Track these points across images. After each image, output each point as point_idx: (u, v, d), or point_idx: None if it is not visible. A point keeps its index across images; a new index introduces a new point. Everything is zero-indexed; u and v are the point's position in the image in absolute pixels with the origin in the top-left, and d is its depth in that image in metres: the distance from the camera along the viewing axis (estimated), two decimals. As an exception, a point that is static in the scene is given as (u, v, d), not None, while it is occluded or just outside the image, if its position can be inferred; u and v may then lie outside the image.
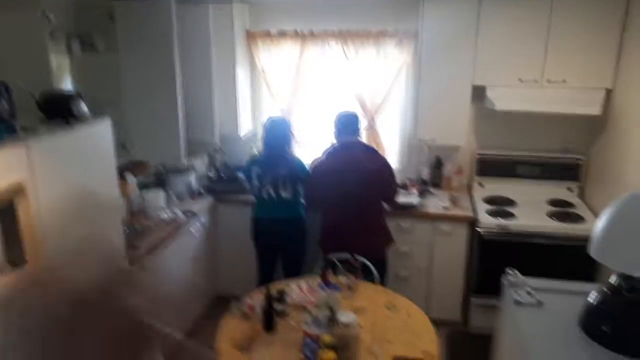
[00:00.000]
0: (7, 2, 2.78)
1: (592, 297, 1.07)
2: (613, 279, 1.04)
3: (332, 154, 3.26)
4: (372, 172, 3.13)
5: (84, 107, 2.52)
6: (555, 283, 1.20)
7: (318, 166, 3.29)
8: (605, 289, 1.05)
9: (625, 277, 1.00)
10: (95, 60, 3.33)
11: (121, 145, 3.31)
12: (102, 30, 3.40)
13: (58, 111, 2.45)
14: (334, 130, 3.29)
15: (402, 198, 3.67)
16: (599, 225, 1.03)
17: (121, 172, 3.23)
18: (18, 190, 2.01)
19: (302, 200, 3.51)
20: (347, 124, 3.26)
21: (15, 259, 2.07)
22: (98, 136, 2.55)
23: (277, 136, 3.40)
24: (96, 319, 2.53)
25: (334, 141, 3.31)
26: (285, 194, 3.40)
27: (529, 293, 1.14)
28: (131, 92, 3.44)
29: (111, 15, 3.41)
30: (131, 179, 3.34)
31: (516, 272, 1.20)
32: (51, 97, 2.53)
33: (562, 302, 1.13)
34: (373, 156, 3.22)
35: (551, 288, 1.18)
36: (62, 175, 2.28)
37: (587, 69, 3.37)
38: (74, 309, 2.35)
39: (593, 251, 1.03)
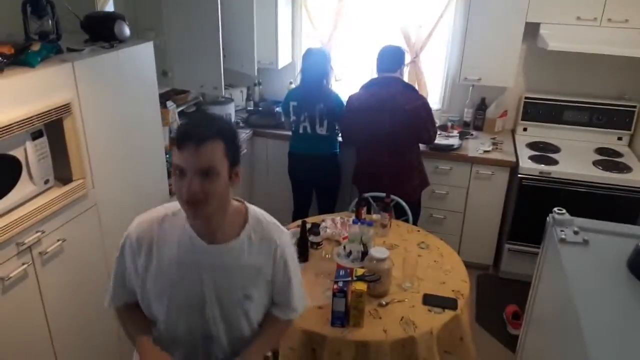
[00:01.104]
0: None
1: (644, 241, 1.03)
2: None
3: (368, 89, 3.16)
4: (407, 112, 3.02)
5: (126, 30, 2.50)
6: (604, 224, 1.16)
7: (352, 101, 3.21)
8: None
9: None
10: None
11: (162, 73, 3.30)
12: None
13: (101, 32, 2.44)
14: (375, 63, 3.18)
15: (441, 139, 3.59)
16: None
17: (162, 100, 3.24)
18: (65, 109, 2.05)
19: (338, 137, 3.48)
20: (389, 58, 3.14)
21: (63, 175, 2.15)
22: (140, 59, 2.55)
23: (315, 69, 3.32)
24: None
25: (375, 75, 3.21)
26: (320, 130, 3.37)
27: (575, 232, 1.10)
28: (172, 17, 3.38)
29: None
30: (172, 107, 3.37)
31: (564, 210, 1.16)
32: (95, 17, 2.51)
33: (610, 243, 1.09)
34: (411, 95, 3.10)
35: (599, 229, 1.14)
36: (106, 96, 2.31)
37: (654, 8, 3.11)
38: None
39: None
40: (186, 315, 1.46)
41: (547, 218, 1.18)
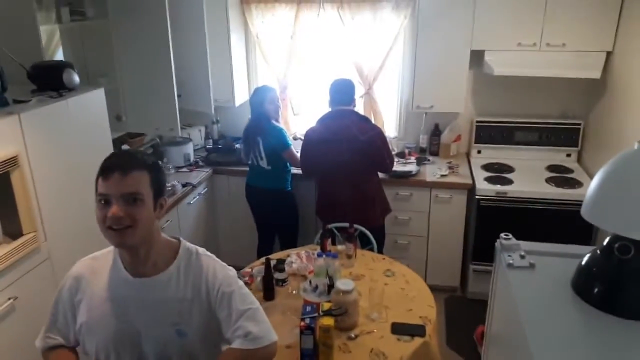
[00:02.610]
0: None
1: (585, 259, 1.07)
2: (606, 240, 1.04)
3: (323, 122, 3.23)
4: (363, 142, 3.08)
5: (75, 78, 2.48)
6: (549, 246, 1.20)
7: (309, 134, 3.28)
8: (597, 251, 1.05)
9: (617, 238, 1.00)
10: (86, 28, 3.26)
11: (116, 117, 3.28)
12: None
13: (49, 82, 2.41)
14: (328, 97, 3.25)
15: (399, 166, 3.66)
16: (591, 185, 1.02)
17: (117, 145, 3.21)
18: (12, 162, 2.00)
19: (288, 173, 3.53)
20: (341, 92, 3.22)
21: (12, 230, 2.08)
22: (91, 106, 2.53)
23: (257, 104, 3.45)
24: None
25: (329, 109, 3.27)
26: (262, 164, 3.43)
27: (521, 256, 1.14)
28: (124, 62, 3.38)
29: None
30: (127, 151, 3.33)
31: (510, 235, 1.20)
32: (42, 67, 2.49)
33: (555, 265, 1.13)
34: (365, 126, 3.15)
35: (545, 251, 1.18)
36: (57, 146, 2.27)
37: (587, 32, 3.30)
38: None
39: (584, 212, 1.02)
40: (117, 354, 1.43)
41: (495, 244, 1.21)
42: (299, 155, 3.40)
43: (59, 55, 3.12)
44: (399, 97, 4.06)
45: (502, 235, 1.20)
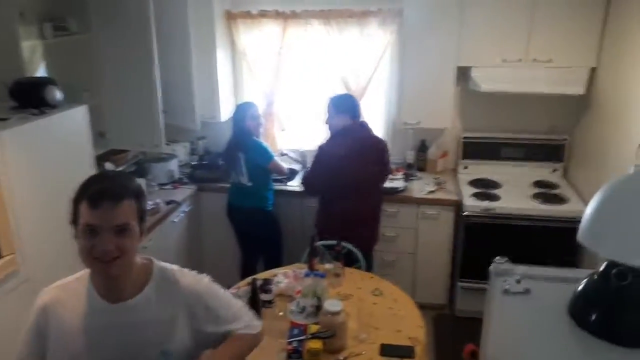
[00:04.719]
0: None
1: (581, 285, 1.05)
2: (602, 266, 1.02)
3: (347, 136, 3.11)
4: (380, 150, 3.17)
5: (57, 94, 2.43)
6: (545, 270, 1.19)
7: (333, 149, 3.11)
8: (594, 276, 1.03)
9: (614, 264, 0.98)
10: (69, 44, 3.20)
11: (99, 134, 3.21)
12: (75, 11, 3.27)
13: (31, 99, 2.36)
14: (328, 112, 3.17)
15: (387, 183, 3.63)
16: (587, 210, 1.00)
17: (100, 161, 3.14)
18: (-11, 183, 1.94)
19: (269, 191, 3.50)
20: (356, 105, 3.20)
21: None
22: (73, 124, 2.48)
23: (238, 121, 3.43)
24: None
25: (329, 124, 3.19)
26: (244, 180, 3.41)
27: (517, 281, 1.12)
28: (107, 77, 3.33)
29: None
30: (109, 168, 3.26)
31: (505, 259, 1.18)
32: (23, 84, 2.44)
33: (551, 290, 1.12)
34: (374, 135, 3.25)
35: (540, 275, 1.16)
36: (37, 164, 2.21)
37: (571, 48, 3.34)
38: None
39: (581, 237, 1.00)
40: None
41: (490, 267, 1.19)
42: (283, 165, 3.48)
43: (42, 72, 3.06)
44: (387, 112, 4.05)
45: (497, 258, 1.18)
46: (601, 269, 1.02)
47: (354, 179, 3.10)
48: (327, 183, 3.17)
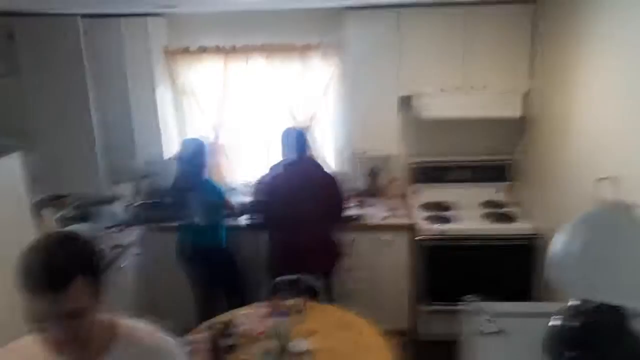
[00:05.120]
0: None
1: (553, 322, 1.05)
2: (573, 303, 1.03)
3: (287, 169, 3.18)
4: (324, 186, 3.14)
5: (-14, 142, 2.25)
6: (516, 305, 1.19)
7: (272, 182, 3.21)
8: (566, 314, 1.04)
9: (585, 301, 0.99)
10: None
11: (33, 180, 3.00)
12: (2, 53, 3.08)
13: (-44, 149, 2.17)
14: (283, 146, 3.22)
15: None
16: (552, 249, 1.01)
17: (38, 209, 2.93)
18: None
19: (222, 228, 3.42)
20: (300, 139, 3.20)
21: None
22: (6, 173, 2.29)
23: (188, 159, 3.31)
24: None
25: (282, 158, 3.23)
26: (198, 220, 3.28)
27: (489, 320, 1.11)
28: (40, 119, 3.15)
29: (10, 34, 3.09)
30: (50, 215, 3.05)
31: (473, 298, 1.16)
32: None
33: (523, 327, 1.11)
34: (322, 171, 3.23)
35: (511, 312, 1.16)
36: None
37: (504, 74, 3.52)
38: None
39: (548, 276, 1.00)
40: None
41: (461, 307, 1.17)
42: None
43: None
44: (335, 142, 4.07)
45: (467, 297, 1.17)
46: (571, 304, 1.03)
47: (300, 211, 3.08)
48: (268, 215, 3.22)
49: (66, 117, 3.17)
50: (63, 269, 1.12)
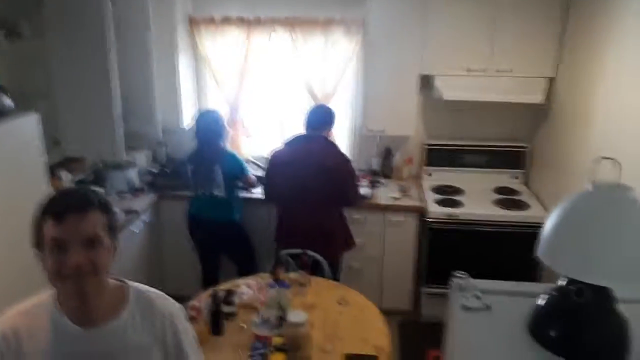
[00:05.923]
0: None
1: (540, 301, 1.05)
2: (560, 282, 1.03)
3: (290, 145, 3.15)
4: (327, 169, 3.01)
5: (7, 101, 2.32)
6: (505, 284, 1.19)
7: (274, 156, 3.19)
8: (553, 293, 1.04)
9: (573, 281, 0.98)
10: (23, 49, 3.07)
11: (53, 141, 3.09)
12: (28, 16, 3.14)
13: (-23, 106, 2.24)
14: (304, 121, 3.17)
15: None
16: (546, 227, 1.00)
17: (54, 170, 3.02)
18: None
19: (241, 202, 3.45)
20: (316, 115, 3.17)
21: None
22: (24, 132, 2.36)
23: (208, 130, 3.30)
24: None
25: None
26: (218, 192, 3.30)
27: (477, 297, 1.11)
28: (62, 83, 3.20)
29: (38, -2, 3.14)
30: (65, 177, 3.14)
31: (465, 274, 1.17)
32: (-31, 90, 2.31)
33: (511, 305, 1.11)
34: (333, 152, 3.10)
35: (500, 290, 1.16)
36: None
37: (531, 58, 3.41)
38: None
39: (540, 254, 1.00)
40: None
41: (450, 282, 1.18)
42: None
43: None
44: (352, 120, 4.05)
45: (457, 273, 1.17)
46: (559, 284, 1.03)
47: (298, 189, 3.04)
48: (276, 191, 3.19)
49: (88, 82, 3.21)
50: (84, 195, 1.26)
